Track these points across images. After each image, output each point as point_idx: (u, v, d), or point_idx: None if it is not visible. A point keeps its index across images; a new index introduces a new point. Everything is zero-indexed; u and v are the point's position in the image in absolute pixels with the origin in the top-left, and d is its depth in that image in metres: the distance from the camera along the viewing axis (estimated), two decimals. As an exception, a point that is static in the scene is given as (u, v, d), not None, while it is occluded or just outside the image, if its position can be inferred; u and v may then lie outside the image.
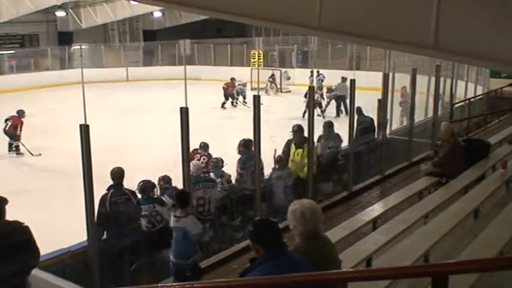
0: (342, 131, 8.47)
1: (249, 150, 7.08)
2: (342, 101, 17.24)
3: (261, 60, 26.04)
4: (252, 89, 21.09)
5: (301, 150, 7.55)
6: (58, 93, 22.53)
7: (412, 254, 4.48)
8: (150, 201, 6.29)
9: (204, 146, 9.13)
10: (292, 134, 7.79)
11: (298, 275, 2.76)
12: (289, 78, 25.11)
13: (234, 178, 7.47)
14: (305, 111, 13.97)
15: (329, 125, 8.51)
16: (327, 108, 17.96)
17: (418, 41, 2.53)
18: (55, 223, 7.93)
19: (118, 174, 6.08)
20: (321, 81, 19.50)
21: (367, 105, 10.05)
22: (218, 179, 7.36)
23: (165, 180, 6.85)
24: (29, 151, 13.57)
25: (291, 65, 26.98)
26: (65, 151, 10.78)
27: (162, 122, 12.97)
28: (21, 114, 14.03)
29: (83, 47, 28.68)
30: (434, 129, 9.93)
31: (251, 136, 6.56)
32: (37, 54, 28.74)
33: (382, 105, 9.29)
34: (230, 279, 3.72)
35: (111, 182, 6.06)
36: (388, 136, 9.69)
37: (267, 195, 7.21)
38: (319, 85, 19.09)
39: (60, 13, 27.97)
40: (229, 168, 7.66)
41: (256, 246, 2.93)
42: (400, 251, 4.65)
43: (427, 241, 4.72)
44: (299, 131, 7.71)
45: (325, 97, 18.42)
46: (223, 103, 20.48)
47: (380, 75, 9.73)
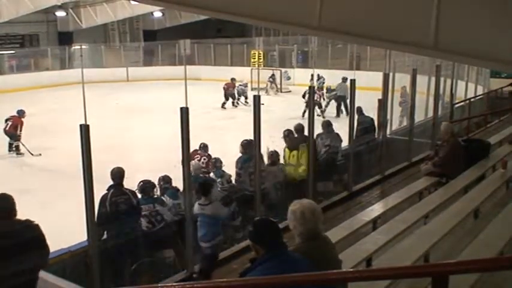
0: (342, 131, 8.47)
1: (250, 150, 7.09)
2: (342, 101, 17.25)
3: (261, 60, 26.08)
4: (252, 89, 21.11)
5: (296, 152, 7.57)
6: (58, 93, 22.53)
7: (412, 254, 4.48)
8: (150, 201, 6.28)
9: (204, 146, 9.16)
10: (284, 139, 7.80)
11: (298, 275, 2.76)
12: (289, 78, 25.10)
13: (234, 178, 7.48)
14: (305, 111, 13.99)
15: (328, 124, 8.50)
16: (327, 109, 17.96)
17: (418, 41, 2.54)
18: (55, 223, 7.82)
19: (118, 174, 6.08)
20: (321, 84, 19.51)
21: (367, 105, 10.07)
22: (218, 179, 7.37)
23: (165, 180, 6.84)
24: (29, 151, 13.57)
25: (291, 65, 26.97)
26: (65, 151, 10.80)
27: (162, 122, 12.99)
28: (21, 114, 14.03)
29: (83, 47, 28.69)
30: (434, 129, 9.91)
31: (251, 136, 6.56)
32: (37, 54, 28.73)
33: (382, 105, 9.30)
34: (230, 279, 3.73)
35: (111, 182, 6.05)
36: (388, 136, 9.67)
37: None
38: (319, 86, 19.11)
39: (60, 13, 27.98)
40: (229, 168, 7.66)
41: (256, 247, 2.94)
42: (400, 251, 4.65)
43: (427, 241, 4.71)
44: (290, 135, 7.76)
45: (325, 98, 18.43)
46: (224, 103, 20.48)
47: (380, 75, 9.73)
